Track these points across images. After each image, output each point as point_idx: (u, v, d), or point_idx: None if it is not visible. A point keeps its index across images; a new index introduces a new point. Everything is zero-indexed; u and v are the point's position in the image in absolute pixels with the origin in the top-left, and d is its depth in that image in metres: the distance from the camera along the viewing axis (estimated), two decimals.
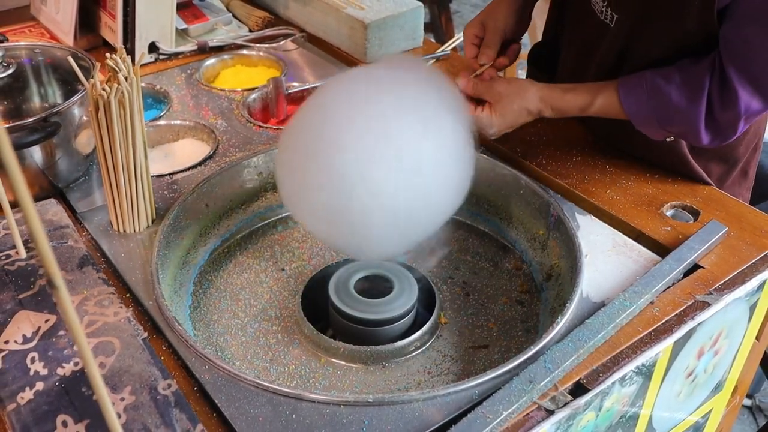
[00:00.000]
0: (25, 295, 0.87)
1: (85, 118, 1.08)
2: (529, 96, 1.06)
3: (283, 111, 1.35)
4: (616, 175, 1.13)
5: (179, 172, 1.14)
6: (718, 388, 1.08)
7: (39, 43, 1.36)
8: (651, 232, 1.02)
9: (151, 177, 1.02)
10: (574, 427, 0.79)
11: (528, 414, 0.76)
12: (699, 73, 0.97)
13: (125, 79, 0.91)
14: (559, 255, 1.04)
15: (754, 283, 0.94)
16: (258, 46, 1.53)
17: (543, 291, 1.05)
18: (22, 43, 1.28)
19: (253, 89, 1.37)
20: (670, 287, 0.92)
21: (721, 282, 0.93)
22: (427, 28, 3.31)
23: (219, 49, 1.53)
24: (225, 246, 1.14)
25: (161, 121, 1.28)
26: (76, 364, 0.78)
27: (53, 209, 1.03)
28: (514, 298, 1.07)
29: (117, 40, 1.45)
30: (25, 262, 0.92)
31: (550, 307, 1.01)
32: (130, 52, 1.42)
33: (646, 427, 0.95)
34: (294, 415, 0.76)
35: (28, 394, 0.75)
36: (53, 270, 0.43)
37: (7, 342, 0.81)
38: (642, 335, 0.85)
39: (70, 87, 1.19)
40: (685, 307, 0.89)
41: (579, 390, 0.79)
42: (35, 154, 1.04)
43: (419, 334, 0.96)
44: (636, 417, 0.91)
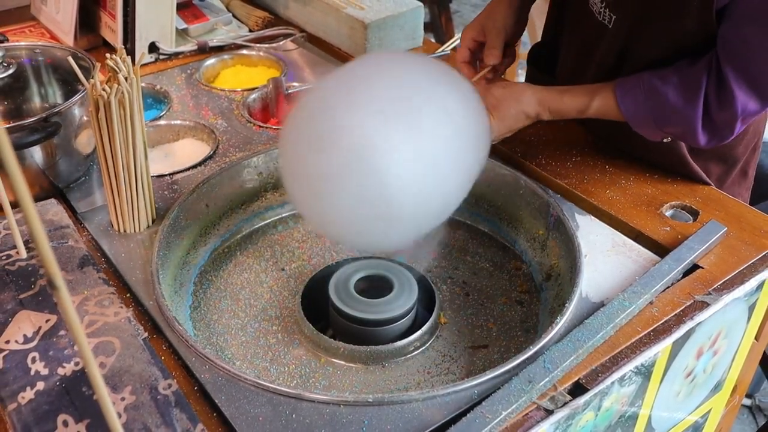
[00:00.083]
0: (25, 295, 0.88)
1: (85, 118, 1.08)
2: (526, 99, 1.06)
3: (283, 111, 1.35)
4: (615, 175, 1.13)
5: (179, 172, 1.14)
6: (717, 388, 1.08)
7: (39, 43, 1.36)
8: (650, 232, 1.02)
9: (152, 177, 1.02)
10: (573, 427, 0.79)
11: (527, 414, 0.76)
12: (696, 73, 0.97)
13: (125, 79, 0.92)
14: (559, 255, 1.04)
15: (753, 283, 0.94)
16: (258, 46, 1.53)
17: (542, 291, 1.05)
18: (23, 43, 1.28)
19: (253, 89, 1.38)
20: (669, 287, 0.92)
21: (720, 282, 0.93)
22: (427, 27, 3.31)
23: (219, 49, 1.53)
24: (225, 246, 1.14)
25: (161, 121, 1.28)
26: (76, 364, 0.78)
27: (54, 209, 1.03)
28: (514, 298, 1.07)
29: (117, 40, 1.45)
30: (26, 262, 0.92)
31: (550, 307, 1.01)
32: (130, 52, 1.42)
33: (645, 426, 0.95)
34: (294, 415, 0.76)
35: (28, 394, 0.75)
36: (54, 270, 0.43)
37: (7, 342, 0.81)
38: (641, 335, 0.86)
39: (70, 87, 1.19)
40: (684, 307, 0.89)
41: (578, 390, 0.79)
42: (35, 154, 1.04)
43: (419, 334, 0.97)
44: (635, 417, 0.91)
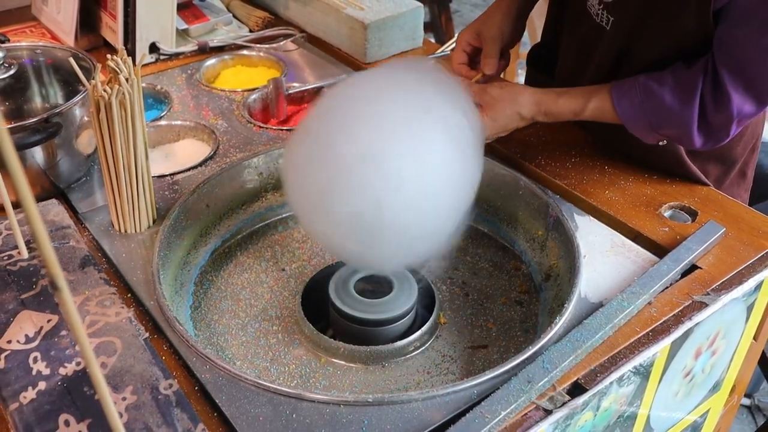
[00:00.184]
0: (27, 295, 0.88)
1: (86, 119, 1.08)
2: (522, 101, 1.06)
3: (284, 111, 1.35)
4: (614, 175, 1.13)
5: (180, 172, 1.14)
6: (715, 388, 1.09)
7: (40, 43, 1.36)
8: (649, 233, 1.02)
9: (152, 177, 1.02)
10: (572, 427, 0.80)
11: (526, 414, 0.76)
12: (692, 75, 0.97)
13: (126, 80, 0.92)
14: (558, 255, 1.04)
15: (751, 283, 0.94)
16: (258, 46, 1.54)
17: (542, 291, 1.06)
18: (24, 43, 1.28)
19: (254, 90, 1.38)
20: (667, 288, 0.92)
21: (719, 282, 0.94)
22: (427, 27, 3.31)
23: (219, 50, 1.53)
24: (225, 246, 1.15)
25: (162, 122, 1.28)
26: (78, 364, 0.79)
27: (55, 209, 1.04)
28: (513, 299, 1.07)
29: (118, 41, 1.45)
30: (27, 263, 0.93)
31: (549, 308, 1.01)
32: (131, 52, 1.43)
33: (643, 426, 0.96)
34: (294, 415, 0.77)
35: (30, 394, 0.75)
36: (56, 271, 0.43)
37: (9, 342, 0.82)
38: (640, 335, 0.86)
39: (71, 88, 1.19)
40: (682, 307, 0.90)
41: (577, 390, 0.80)
42: (37, 154, 1.04)
43: (419, 334, 0.97)
44: (634, 417, 0.91)
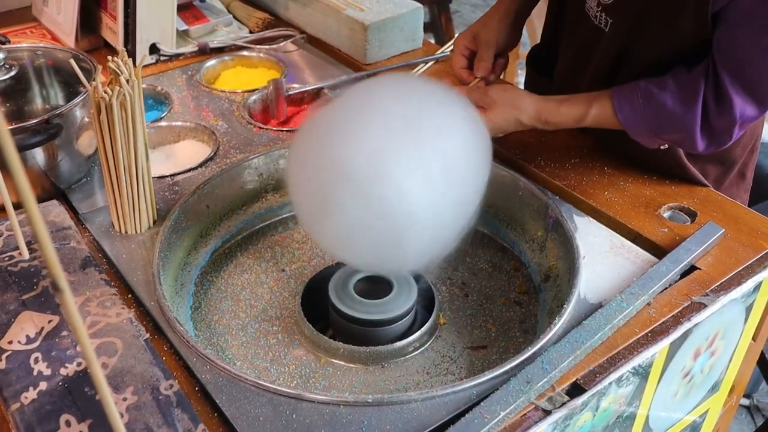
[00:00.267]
0: (28, 295, 0.88)
1: (86, 120, 1.08)
2: (523, 107, 1.06)
3: (284, 112, 1.36)
4: (614, 176, 1.14)
5: (180, 173, 1.15)
6: (714, 389, 1.09)
7: (41, 44, 1.37)
8: (648, 234, 1.02)
9: (153, 178, 1.02)
10: (571, 428, 0.80)
11: (525, 414, 0.77)
12: (693, 79, 0.97)
13: (127, 81, 0.92)
14: (557, 256, 1.04)
15: (750, 284, 0.94)
16: (258, 47, 1.54)
17: (541, 292, 1.06)
18: (24, 45, 1.28)
19: (254, 91, 1.38)
20: (666, 288, 0.93)
21: (718, 283, 0.94)
22: (427, 28, 3.31)
23: (219, 51, 1.53)
24: (226, 247, 1.15)
25: (162, 123, 1.28)
26: (79, 365, 0.79)
27: (55, 210, 1.04)
28: (513, 299, 1.08)
29: (118, 42, 1.45)
30: (28, 263, 0.93)
31: (548, 308, 1.01)
32: (131, 53, 1.43)
33: (642, 427, 0.96)
34: (294, 415, 0.77)
35: (31, 394, 0.76)
36: (58, 273, 0.43)
37: (10, 342, 0.82)
38: (639, 336, 0.86)
39: (71, 89, 1.20)
40: (681, 308, 0.90)
41: (576, 390, 0.80)
42: (37, 155, 1.04)
43: (418, 334, 0.97)
44: (633, 417, 0.92)
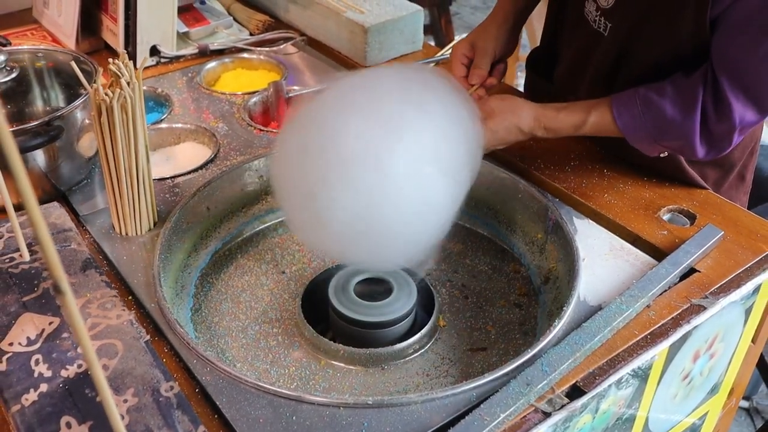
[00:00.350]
0: (28, 297, 0.88)
1: (87, 122, 1.08)
2: (522, 114, 1.06)
3: (284, 114, 1.36)
4: (613, 179, 1.14)
5: (181, 175, 1.15)
6: (714, 391, 1.09)
7: (42, 46, 1.37)
8: (648, 236, 1.02)
9: (153, 180, 1.03)
10: (571, 430, 0.80)
11: (525, 416, 0.77)
12: (691, 85, 0.97)
13: (127, 83, 0.92)
14: (557, 258, 1.05)
15: (749, 286, 0.95)
16: (259, 49, 1.54)
17: (541, 294, 1.06)
18: (25, 47, 1.28)
19: (254, 93, 1.38)
20: (666, 291, 0.93)
21: (717, 286, 0.94)
22: (427, 30, 3.31)
23: (220, 53, 1.53)
24: (226, 249, 1.15)
25: (162, 125, 1.29)
26: (79, 366, 0.79)
27: (56, 212, 1.04)
28: (513, 301, 1.08)
29: (118, 44, 1.45)
30: (29, 265, 0.93)
31: (548, 310, 1.02)
32: (132, 55, 1.43)
33: (642, 429, 0.96)
34: (294, 417, 0.77)
35: (32, 396, 0.76)
36: (60, 275, 0.44)
37: (11, 344, 0.82)
38: (638, 338, 0.86)
39: (72, 91, 1.20)
40: (681, 310, 0.90)
41: (576, 392, 0.80)
42: (38, 157, 1.04)
43: (418, 336, 0.97)
44: (632, 419, 0.92)
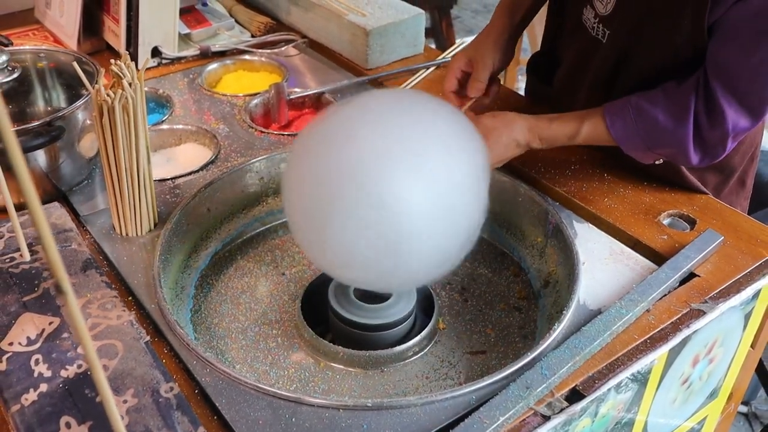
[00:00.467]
0: (29, 297, 0.88)
1: (88, 123, 1.09)
2: (517, 128, 1.06)
3: (285, 116, 1.36)
4: (613, 183, 1.14)
5: (181, 176, 1.15)
6: (713, 396, 1.09)
7: (44, 47, 1.37)
8: (648, 241, 1.03)
9: (154, 181, 1.03)
10: None
11: (524, 419, 0.77)
12: (683, 93, 0.97)
13: (129, 84, 0.93)
14: (557, 262, 1.05)
15: (749, 291, 0.95)
16: (260, 51, 1.54)
17: (541, 298, 1.06)
18: (27, 47, 1.28)
19: (255, 94, 1.39)
20: (665, 295, 0.93)
21: (717, 290, 0.94)
22: (428, 33, 3.32)
23: (221, 54, 1.54)
24: (226, 250, 1.15)
25: (163, 126, 1.29)
26: (79, 367, 0.79)
27: (57, 213, 1.04)
28: (512, 305, 1.08)
29: (120, 45, 1.46)
30: (29, 265, 0.93)
31: (548, 314, 1.02)
32: (133, 56, 1.43)
33: None
34: (293, 419, 0.77)
35: (32, 396, 0.76)
36: (62, 275, 0.44)
37: (11, 344, 0.82)
38: (637, 343, 0.86)
39: (74, 91, 1.20)
40: (680, 315, 0.90)
41: (575, 396, 0.80)
42: (39, 157, 1.05)
43: (418, 339, 0.97)
44: (631, 423, 0.92)
